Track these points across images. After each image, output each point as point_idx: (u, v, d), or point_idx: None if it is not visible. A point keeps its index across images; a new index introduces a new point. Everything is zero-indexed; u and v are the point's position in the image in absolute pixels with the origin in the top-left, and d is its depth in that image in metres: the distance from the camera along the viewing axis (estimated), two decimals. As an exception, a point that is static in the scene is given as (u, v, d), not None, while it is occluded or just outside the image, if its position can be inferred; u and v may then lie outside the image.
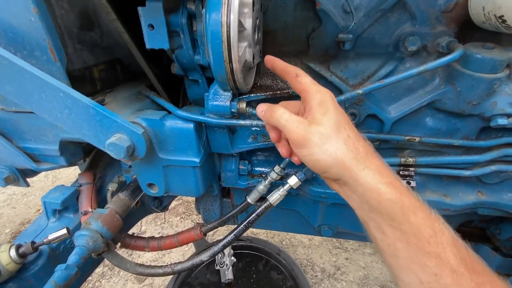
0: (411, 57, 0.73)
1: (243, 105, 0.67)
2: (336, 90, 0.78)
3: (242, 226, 0.80)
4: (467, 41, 0.70)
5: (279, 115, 0.48)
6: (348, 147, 0.43)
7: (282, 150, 0.57)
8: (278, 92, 0.79)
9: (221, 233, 2.25)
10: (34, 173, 0.93)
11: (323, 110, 0.46)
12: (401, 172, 0.81)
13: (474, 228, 1.11)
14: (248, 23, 0.55)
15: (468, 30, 0.69)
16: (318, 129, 0.44)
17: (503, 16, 0.55)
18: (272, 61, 0.58)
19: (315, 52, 0.77)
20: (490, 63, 0.63)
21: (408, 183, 0.79)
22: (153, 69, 0.80)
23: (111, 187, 0.97)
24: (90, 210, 0.89)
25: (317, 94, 0.47)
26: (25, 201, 2.65)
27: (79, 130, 0.65)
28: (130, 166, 0.95)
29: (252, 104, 0.80)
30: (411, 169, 0.80)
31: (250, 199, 0.85)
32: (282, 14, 0.73)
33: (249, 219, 0.79)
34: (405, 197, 0.42)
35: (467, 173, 0.78)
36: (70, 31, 0.71)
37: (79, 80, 0.76)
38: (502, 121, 0.67)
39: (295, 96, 0.80)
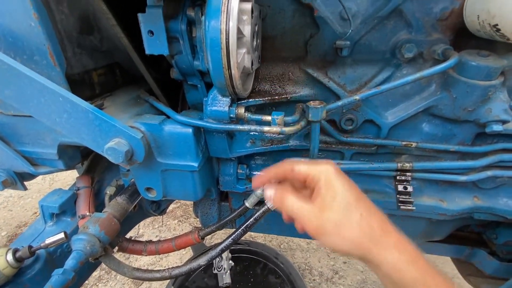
0: (407, 64, 0.74)
1: (241, 110, 0.67)
2: (334, 96, 0.79)
3: (240, 230, 0.80)
4: (462, 48, 0.71)
5: (290, 204, 0.49)
6: (362, 229, 0.43)
7: (298, 227, 0.54)
8: (277, 97, 0.79)
9: (219, 236, 2.24)
10: (32, 176, 0.93)
11: (332, 194, 0.45)
12: (398, 177, 0.81)
13: (470, 233, 1.11)
14: (247, 30, 0.56)
15: (463, 37, 0.70)
16: (330, 216, 0.44)
17: (497, 25, 0.56)
18: (264, 179, 0.57)
19: (313, 58, 0.77)
20: (485, 70, 0.64)
21: (405, 188, 0.79)
22: (152, 73, 0.80)
23: (109, 190, 0.97)
24: (87, 214, 0.89)
25: (320, 176, 0.47)
26: (21, 204, 2.64)
27: (77, 134, 0.65)
28: (128, 170, 0.95)
29: (251, 109, 0.80)
30: (408, 174, 0.80)
31: (248, 203, 0.85)
32: (280, 21, 0.74)
33: (247, 223, 0.79)
34: (427, 276, 0.42)
35: (463, 178, 0.79)
36: (69, 35, 0.72)
37: (78, 84, 0.77)
38: (497, 127, 0.68)
39: (294, 101, 0.81)
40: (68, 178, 2.95)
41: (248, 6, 0.55)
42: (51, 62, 0.65)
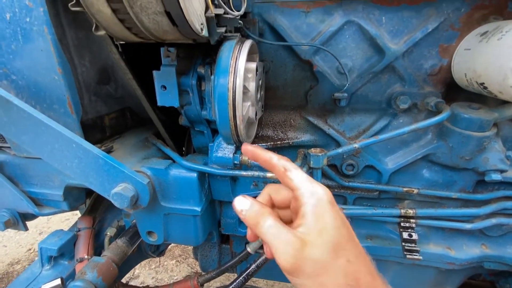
0: (403, 113, 0.78)
1: (245, 157, 0.70)
2: (334, 142, 0.82)
3: (241, 278, 0.77)
4: (454, 100, 0.76)
5: (266, 228, 0.38)
6: (347, 280, 0.35)
7: (267, 252, 0.42)
8: (279, 142, 0.82)
9: (219, 279, 2.12)
10: (34, 217, 0.93)
11: (320, 226, 0.36)
12: (402, 224, 0.80)
13: (483, 281, 1.06)
14: (252, 86, 0.61)
15: (454, 89, 0.75)
16: (312, 255, 0.35)
17: (484, 83, 0.60)
18: (251, 152, 0.45)
19: (313, 106, 0.82)
20: (478, 123, 0.67)
21: (410, 235, 0.78)
22: (160, 117, 0.85)
23: (110, 232, 0.96)
24: (86, 257, 0.87)
25: (311, 198, 0.38)
26: (17, 239, 2.56)
27: (86, 178, 0.67)
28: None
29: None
30: (411, 220, 0.80)
31: (250, 248, 0.83)
32: (282, 74, 0.80)
33: (248, 271, 0.77)
34: None
35: (468, 226, 0.78)
36: (88, 85, 0.78)
37: (90, 128, 0.81)
38: (496, 176, 0.69)
39: (295, 146, 0.84)
40: (65, 213, 2.90)
41: (253, 65, 0.60)
42: (69, 110, 0.69)
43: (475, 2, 0.67)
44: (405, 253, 0.77)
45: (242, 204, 0.41)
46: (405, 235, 0.78)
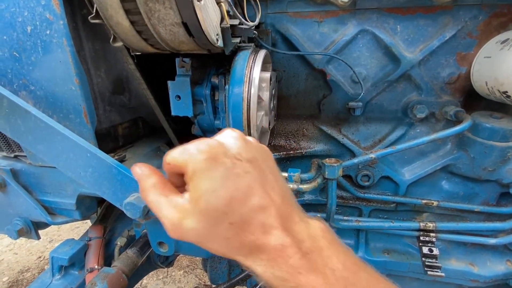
0: (420, 123, 0.76)
1: (258, 167, 0.68)
2: (348, 152, 0.80)
3: (253, 292, 0.75)
4: (473, 109, 0.73)
5: (150, 200, 0.34)
6: (230, 245, 0.32)
7: None
8: (292, 152, 0.81)
9: (226, 290, 2.08)
10: (46, 225, 0.93)
11: (195, 195, 0.32)
12: (421, 238, 0.77)
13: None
14: (266, 95, 0.60)
15: (473, 98, 0.73)
16: (189, 226, 0.32)
17: (507, 91, 0.58)
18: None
19: (326, 115, 0.81)
20: (501, 132, 0.64)
21: (431, 250, 0.74)
22: (172, 125, 0.85)
23: (120, 241, 0.95)
24: (96, 267, 0.86)
25: (187, 166, 0.32)
26: (28, 247, 2.59)
27: (99, 187, 0.67)
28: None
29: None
30: (431, 234, 0.76)
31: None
32: (295, 83, 0.79)
33: (259, 286, 0.75)
34: None
35: (492, 241, 0.74)
36: (103, 95, 0.79)
37: (104, 137, 0.81)
38: (522, 189, 0.66)
39: (308, 156, 0.83)
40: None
41: (267, 75, 0.60)
42: (84, 120, 0.70)
43: (493, 9, 0.65)
44: (426, 269, 0.74)
45: (137, 169, 0.36)
46: (425, 250, 0.74)
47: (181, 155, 0.33)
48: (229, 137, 0.35)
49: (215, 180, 0.31)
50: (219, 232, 0.32)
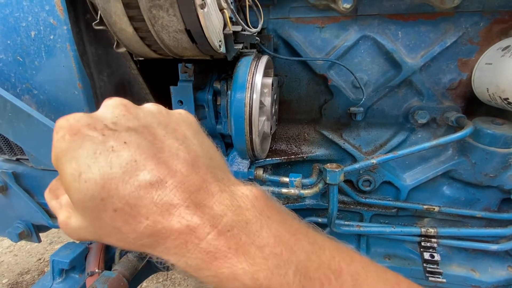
0: (421, 128, 0.76)
1: (260, 172, 0.69)
2: (349, 156, 0.80)
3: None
4: (474, 114, 0.73)
5: (48, 202, 0.30)
6: (116, 234, 0.26)
7: None
8: (293, 156, 0.81)
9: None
10: (47, 228, 0.94)
11: (64, 189, 0.27)
12: (422, 243, 0.77)
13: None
14: (268, 101, 0.61)
15: (474, 103, 0.73)
16: (73, 224, 0.28)
17: (508, 98, 0.58)
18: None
19: (327, 120, 0.81)
20: (502, 139, 0.64)
21: (432, 256, 0.74)
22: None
23: (121, 245, 0.95)
24: (97, 270, 0.86)
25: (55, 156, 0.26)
26: (27, 249, 2.59)
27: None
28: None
29: (268, 167, 0.82)
30: (433, 240, 0.76)
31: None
32: (296, 88, 0.79)
33: None
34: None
35: (494, 247, 0.73)
36: (105, 98, 0.79)
37: (106, 141, 0.82)
38: (524, 195, 0.66)
39: (309, 161, 0.83)
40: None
41: (269, 80, 0.60)
42: (87, 124, 0.70)
43: (494, 16, 0.66)
44: (427, 275, 0.73)
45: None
46: (426, 255, 0.74)
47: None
48: (103, 106, 0.29)
49: (79, 161, 0.24)
50: (107, 223, 0.25)
